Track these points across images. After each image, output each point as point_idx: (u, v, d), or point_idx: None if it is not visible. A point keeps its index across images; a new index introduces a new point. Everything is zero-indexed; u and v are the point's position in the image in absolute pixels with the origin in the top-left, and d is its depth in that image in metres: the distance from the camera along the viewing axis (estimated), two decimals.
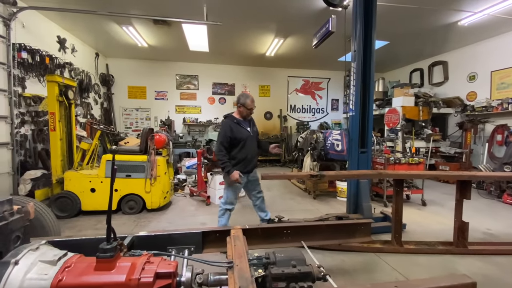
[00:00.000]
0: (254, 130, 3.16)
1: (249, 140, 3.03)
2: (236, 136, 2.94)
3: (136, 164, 3.97)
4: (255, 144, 3.16)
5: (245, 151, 3.00)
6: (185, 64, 9.18)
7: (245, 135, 3.01)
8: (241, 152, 3.00)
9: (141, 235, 1.96)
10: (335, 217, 3.54)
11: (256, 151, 3.18)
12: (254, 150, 3.14)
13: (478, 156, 6.94)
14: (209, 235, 2.05)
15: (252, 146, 3.10)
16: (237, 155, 2.99)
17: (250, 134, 3.06)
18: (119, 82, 8.80)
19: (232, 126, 2.96)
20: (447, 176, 2.95)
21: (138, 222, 3.75)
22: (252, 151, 3.10)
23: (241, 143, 2.98)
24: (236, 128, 2.97)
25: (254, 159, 3.14)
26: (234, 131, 2.94)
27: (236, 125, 2.99)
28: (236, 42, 7.13)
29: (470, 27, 5.94)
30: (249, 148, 3.03)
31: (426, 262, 2.74)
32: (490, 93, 6.74)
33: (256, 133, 3.19)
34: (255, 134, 3.17)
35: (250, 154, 3.06)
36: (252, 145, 3.10)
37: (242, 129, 3.02)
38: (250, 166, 3.09)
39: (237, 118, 3.06)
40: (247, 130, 3.05)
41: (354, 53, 3.64)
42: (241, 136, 2.98)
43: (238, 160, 2.99)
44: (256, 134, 3.20)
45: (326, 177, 2.89)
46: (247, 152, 3.02)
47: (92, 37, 7.04)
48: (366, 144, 3.66)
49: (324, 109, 10.59)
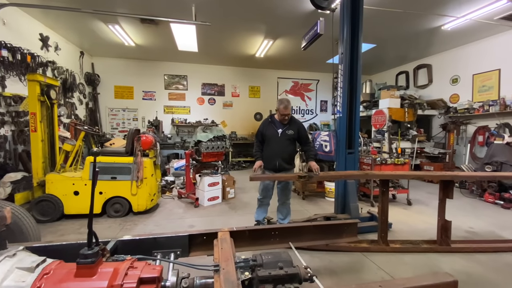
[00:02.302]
0: (287, 133, 3.22)
1: (274, 140, 3.20)
2: (265, 133, 3.25)
3: (121, 166, 3.87)
4: (283, 146, 3.22)
5: (269, 149, 3.23)
6: (173, 64, 9.07)
7: (272, 134, 3.22)
8: (266, 149, 3.27)
9: (125, 239, 1.91)
10: (323, 217, 3.58)
11: (283, 152, 3.23)
12: (279, 150, 3.21)
13: (460, 157, 7.18)
14: (196, 238, 2.02)
15: (278, 146, 3.21)
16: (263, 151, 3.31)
17: (278, 135, 3.20)
18: (105, 81, 8.59)
19: (265, 123, 3.32)
20: (431, 176, 3.02)
21: (124, 226, 3.66)
22: (276, 150, 3.20)
23: (267, 141, 3.24)
24: (267, 126, 3.27)
25: (277, 159, 3.19)
26: (265, 128, 3.27)
27: (269, 124, 3.28)
28: (226, 42, 7.10)
29: (453, 32, 6.15)
30: (273, 147, 3.21)
31: (411, 261, 2.79)
32: (472, 95, 6.99)
33: (289, 136, 3.23)
34: (287, 136, 3.22)
35: (274, 153, 3.19)
36: (278, 146, 3.21)
37: (272, 129, 3.24)
38: (272, 164, 3.21)
39: (275, 118, 3.30)
40: (276, 130, 3.22)
41: (342, 56, 3.69)
42: (268, 134, 3.23)
43: (262, 155, 3.29)
44: (291, 137, 3.24)
45: (314, 178, 2.91)
46: (271, 150, 3.21)
47: (76, 36, 6.85)
48: (353, 145, 3.71)
49: (313, 111, 10.70)
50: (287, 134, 3.20)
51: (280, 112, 3.17)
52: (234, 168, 8.81)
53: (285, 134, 3.20)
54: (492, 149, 5.17)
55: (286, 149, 3.23)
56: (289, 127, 3.22)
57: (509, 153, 5.01)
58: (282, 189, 3.34)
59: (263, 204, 3.39)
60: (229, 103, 9.73)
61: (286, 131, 3.21)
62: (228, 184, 4.98)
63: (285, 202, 3.38)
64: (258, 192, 3.41)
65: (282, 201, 3.39)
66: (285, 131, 3.20)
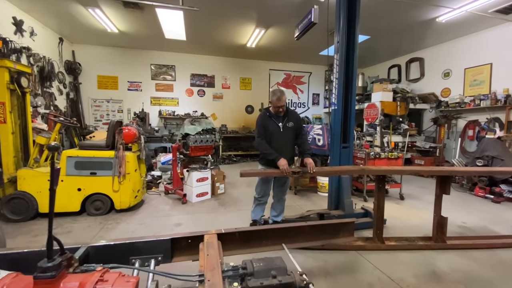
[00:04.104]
0: (288, 126, 3.00)
1: (277, 135, 2.97)
2: (267, 129, 2.98)
3: (102, 161, 3.59)
4: (286, 140, 3.01)
5: (274, 145, 2.95)
6: (160, 53, 8.65)
7: (274, 129, 2.97)
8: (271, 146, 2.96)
9: (98, 244, 1.69)
10: (317, 214, 3.45)
11: (287, 148, 3.01)
12: (284, 145, 2.99)
13: (450, 151, 7.22)
14: (180, 242, 1.82)
15: (281, 141, 2.98)
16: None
17: (280, 130, 2.97)
18: (87, 71, 8.11)
19: (264, 118, 3.02)
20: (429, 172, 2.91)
21: (105, 225, 3.41)
22: (281, 146, 2.97)
23: (270, 136, 2.97)
24: (266, 121, 2.99)
25: (283, 155, 2.92)
26: (264, 124, 2.98)
27: (269, 118, 3.00)
28: (216, 31, 6.78)
29: (447, 24, 6.05)
30: (278, 143, 2.96)
31: (408, 259, 2.70)
32: (463, 89, 6.98)
33: (290, 129, 3.01)
34: (289, 130, 3.00)
35: (280, 148, 2.93)
36: (281, 141, 2.98)
37: (273, 123, 2.99)
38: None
39: (271, 112, 3.03)
40: (277, 124, 2.98)
41: (337, 45, 3.50)
42: (270, 129, 2.97)
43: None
44: (293, 130, 3.03)
45: (308, 174, 2.75)
46: (276, 146, 2.94)
47: (54, 20, 6.37)
48: (348, 139, 3.56)
49: (305, 104, 10.54)
50: (288, 127, 3.00)
51: (273, 104, 2.95)
52: (224, 162, 8.60)
53: (287, 127, 2.99)
54: (484, 143, 5.16)
55: (291, 143, 3.05)
56: (288, 120, 3.00)
57: (500, 147, 5.01)
58: (281, 185, 3.16)
59: (261, 202, 3.19)
60: (220, 95, 9.43)
61: (287, 124, 2.99)
62: (217, 179, 4.77)
63: (282, 199, 3.21)
64: (256, 191, 3.18)
65: (278, 197, 3.20)
66: (286, 124, 2.99)
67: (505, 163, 4.80)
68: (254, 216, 3.21)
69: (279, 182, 3.14)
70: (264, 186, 3.12)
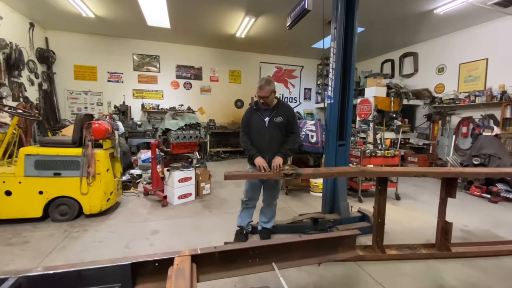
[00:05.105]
0: (275, 121, 2.61)
1: (261, 130, 2.64)
2: (250, 123, 2.70)
3: (67, 160, 3.14)
4: (272, 137, 2.63)
5: (257, 142, 2.66)
6: (143, 42, 8.08)
7: (258, 124, 2.65)
8: (253, 142, 2.68)
9: (34, 274, 1.29)
10: (310, 218, 3.14)
11: (273, 145, 2.63)
12: (268, 143, 2.62)
13: (443, 148, 7.08)
14: (144, 266, 1.45)
15: (266, 138, 2.62)
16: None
17: (265, 125, 2.63)
18: (62, 60, 7.47)
19: (249, 111, 2.75)
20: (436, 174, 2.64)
21: (70, 233, 2.98)
22: (265, 143, 2.62)
23: (253, 132, 2.68)
24: (251, 116, 2.71)
25: (267, 153, 2.59)
26: (248, 117, 2.71)
27: (254, 112, 2.70)
28: (202, 18, 6.31)
29: (444, 17, 5.82)
30: (261, 140, 2.65)
31: (411, 270, 2.43)
32: (458, 85, 6.81)
33: (278, 125, 2.62)
34: (275, 126, 2.62)
35: (263, 146, 2.62)
36: (267, 137, 2.62)
37: (258, 117, 2.67)
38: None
39: (259, 105, 2.70)
40: (263, 119, 2.64)
41: (335, 31, 3.15)
42: (254, 124, 2.68)
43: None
44: (281, 126, 2.64)
45: (303, 176, 2.42)
46: (259, 143, 2.65)
47: (23, 3, 5.74)
48: (345, 136, 3.25)
49: (297, 99, 10.22)
50: (275, 122, 2.61)
51: (257, 94, 2.58)
52: (212, 159, 8.20)
53: (273, 123, 2.61)
54: (481, 141, 4.99)
55: (277, 141, 2.63)
56: (277, 114, 2.62)
57: (498, 145, 4.85)
58: (271, 188, 2.80)
59: (248, 207, 2.84)
60: (207, 88, 8.97)
61: (274, 118, 2.61)
62: (203, 178, 4.39)
63: (272, 203, 2.86)
64: (243, 193, 2.84)
65: (268, 202, 2.85)
66: (272, 118, 2.61)
67: (502, 162, 4.64)
68: (240, 221, 2.86)
69: (269, 184, 2.78)
70: (252, 189, 2.75)
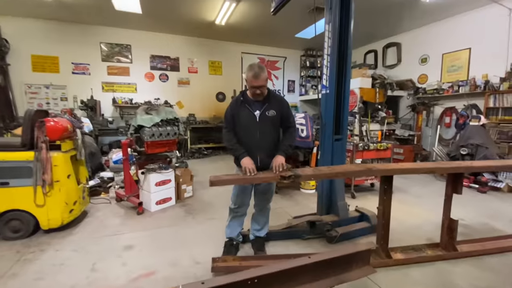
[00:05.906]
0: (268, 115, 2.20)
1: (252, 126, 2.22)
2: (236, 118, 2.24)
3: (15, 166, 2.59)
4: (265, 134, 2.22)
5: (246, 140, 2.24)
6: (112, 29, 7.31)
7: (247, 119, 2.22)
8: (243, 141, 2.25)
9: None
10: (307, 222, 2.84)
11: (266, 143, 2.24)
12: (260, 141, 2.22)
13: (427, 138, 7.12)
14: None
15: (258, 135, 2.21)
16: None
17: (256, 120, 2.20)
18: (18, 49, 6.56)
19: (235, 104, 2.27)
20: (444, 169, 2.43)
21: (24, 254, 2.46)
22: (256, 141, 2.21)
23: (242, 128, 2.25)
24: (237, 109, 2.24)
25: (258, 153, 2.21)
26: (234, 111, 2.25)
27: (241, 105, 2.24)
28: (178, 2, 5.72)
29: (430, 4, 5.70)
30: (251, 137, 2.23)
31: (421, 276, 2.21)
32: (441, 75, 6.82)
33: (271, 119, 2.22)
34: (268, 120, 2.21)
35: (253, 145, 2.22)
36: (258, 134, 2.21)
37: (247, 111, 2.22)
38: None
39: (247, 96, 2.26)
40: (253, 113, 2.21)
41: (329, 12, 2.83)
42: (242, 119, 2.23)
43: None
44: (274, 121, 2.24)
45: (303, 177, 2.09)
46: (249, 141, 2.23)
47: None
48: (342, 130, 2.97)
49: (280, 91, 9.90)
50: (268, 117, 2.19)
51: (249, 84, 2.13)
52: (193, 156, 7.71)
53: (266, 117, 2.19)
54: (468, 131, 4.96)
55: (270, 138, 2.25)
56: (268, 106, 2.21)
57: (485, 135, 4.84)
58: (264, 192, 2.41)
59: (238, 215, 2.45)
60: (186, 80, 8.37)
61: (266, 112, 2.19)
62: (184, 180, 3.95)
63: (265, 208, 2.49)
64: (231, 200, 2.45)
65: (261, 207, 2.47)
66: (264, 112, 2.19)
67: (489, 151, 4.63)
68: (229, 232, 2.47)
69: (262, 187, 2.43)
70: (241, 194, 2.36)
